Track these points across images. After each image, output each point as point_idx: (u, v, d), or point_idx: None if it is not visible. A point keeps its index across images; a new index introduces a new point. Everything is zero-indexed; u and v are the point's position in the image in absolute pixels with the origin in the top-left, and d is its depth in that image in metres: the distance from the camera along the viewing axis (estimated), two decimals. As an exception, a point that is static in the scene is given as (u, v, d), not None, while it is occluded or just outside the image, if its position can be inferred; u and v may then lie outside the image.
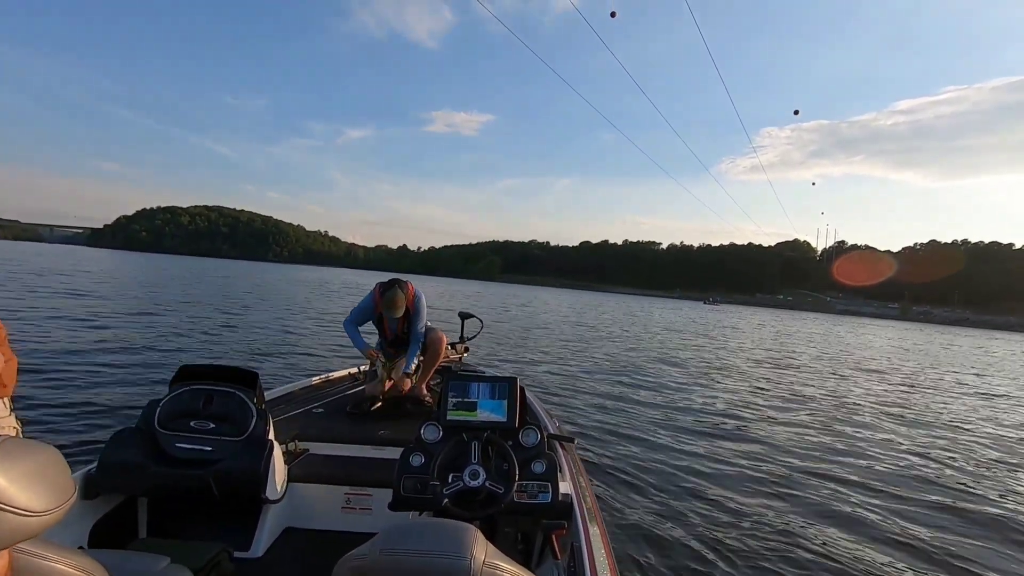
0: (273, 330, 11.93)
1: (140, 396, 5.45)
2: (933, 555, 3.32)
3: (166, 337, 9.56)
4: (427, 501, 1.73)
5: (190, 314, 13.64)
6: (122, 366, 6.86)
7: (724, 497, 3.91)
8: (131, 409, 4.85)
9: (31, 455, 0.63)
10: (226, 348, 9.11)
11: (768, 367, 12.66)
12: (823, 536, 3.44)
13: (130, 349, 8.11)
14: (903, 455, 5.60)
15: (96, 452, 1.93)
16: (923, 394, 10.26)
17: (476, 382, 1.97)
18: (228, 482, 1.86)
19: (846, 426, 6.80)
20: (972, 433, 7.00)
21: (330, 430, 2.76)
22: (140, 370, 6.72)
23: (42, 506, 0.61)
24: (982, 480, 4.94)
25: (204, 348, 8.93)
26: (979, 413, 8.56)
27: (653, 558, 2.99)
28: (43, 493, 0.61)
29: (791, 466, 4.84)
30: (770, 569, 2.97)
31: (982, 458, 5.76)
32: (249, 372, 2.13)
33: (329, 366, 7.21)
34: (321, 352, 9.45)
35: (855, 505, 4.01)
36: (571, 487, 1.92)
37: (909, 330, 51.92)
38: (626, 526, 3.32)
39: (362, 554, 0.88)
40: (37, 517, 0.60)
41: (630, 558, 2.94)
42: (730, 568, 2.94)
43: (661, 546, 3.12)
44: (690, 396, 7.98)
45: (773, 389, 9.29)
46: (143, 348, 8.30)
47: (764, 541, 3.27)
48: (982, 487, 4.71)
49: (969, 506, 4.19)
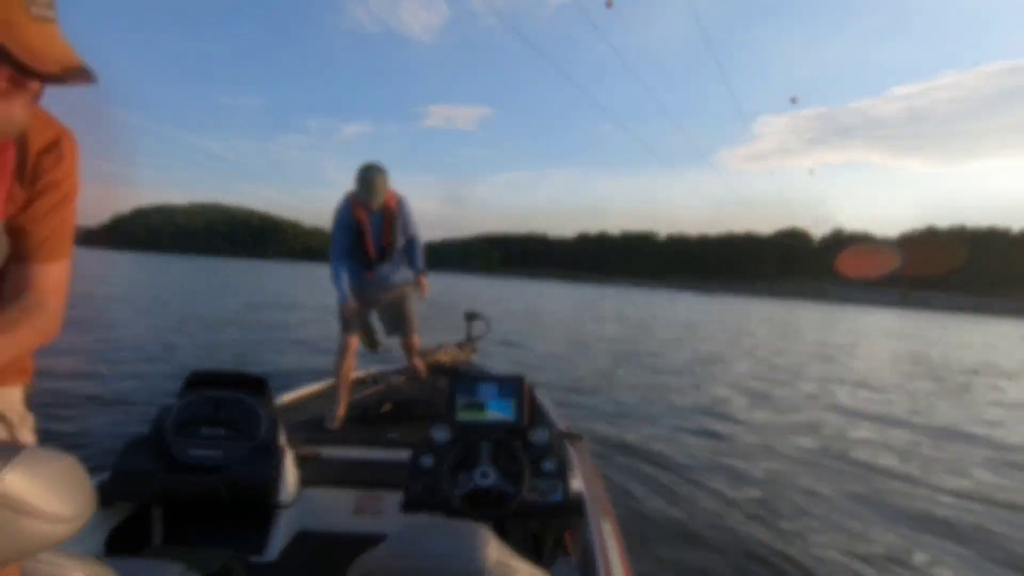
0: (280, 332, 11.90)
1: (150, 403, 5.44)
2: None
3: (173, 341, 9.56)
4: (438, 502, 1.74)
5: (197, 316, 13.62)
6: (130, 374, 6.87)
7: (740, 494, 3.88)
8: (142, 417, 4.85)
9: (54, 462, 0.62)
10: (235, 352, 9.09)
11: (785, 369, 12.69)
12: (844, 531, 3.40)
13: (138, 355, 8.11)
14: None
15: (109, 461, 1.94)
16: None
17: (484, 382, 1.97)
18: (240, 488, 1.87)
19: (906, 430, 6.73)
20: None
21: (340, 433, 2.77)
22: (149, 377, 6.72)
23: (68, 513, 0.61)
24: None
25: (212, 352, 8.91)
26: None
27: (667, 555, 2.98)
28: (68, 500, 0.61)
29: (814, 465, 4.78)
30: (789, 567, 2.94)
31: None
32: (258, 377, 2.14)
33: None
34: (330, 355, 9.42)
35: (902, 510, 3.83)
36: (582, 485, 1.93)
37: (917, 319, 51.88)
38: (639, 523, 3.31)
39: (375, 557, 0.88)
40: (64, 525, 0.60)
41: (643, 555, 2.94)
42: (746, 565, 2.93)
43: (675, 543, 3.11)
44: (706, 392, 7.91)
45: (799, 389, 9.16)
46: (151, 354, 8.30)
47: (783, 538, 3.24)
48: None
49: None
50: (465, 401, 1.93)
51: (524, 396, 1.93)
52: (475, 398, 1.93)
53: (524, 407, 1.92)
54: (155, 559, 1.17)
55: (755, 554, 3.04)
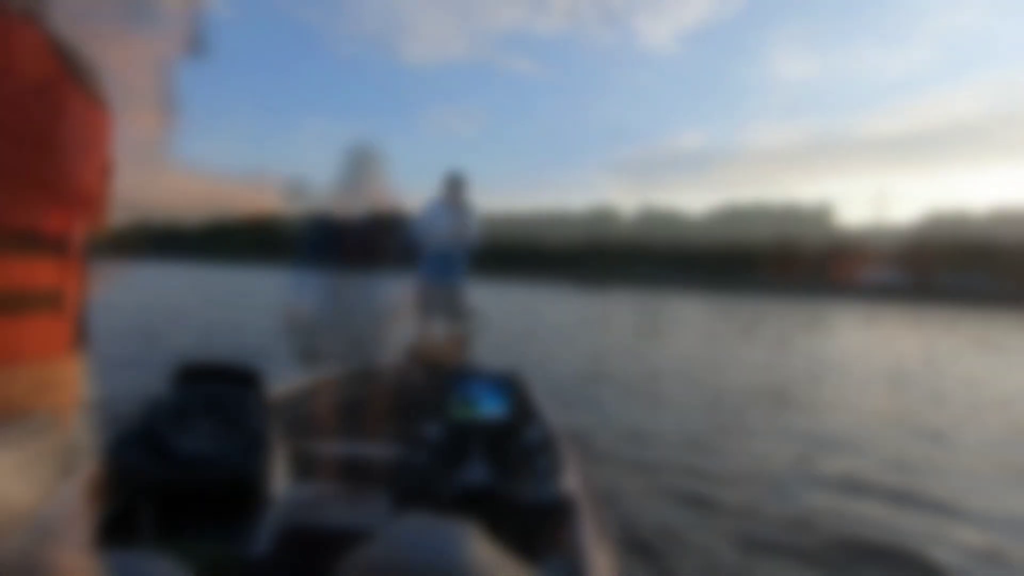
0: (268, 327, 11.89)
1: (139, 396, 5.46)
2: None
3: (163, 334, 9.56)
4: (429, 499, 1.73)
5: (187, 311, 13.60)
6: (119, 365, 6.79)
7: (732, 495, 3.84)
8: (131, 409, 4.85)
9: None
10: (225, 346, 9.08)
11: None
12: (839, 537, 3.31)
13: (126, 348, 8.06)
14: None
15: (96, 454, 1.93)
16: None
17: (477, 378, 1.97)
18: (231, 481, 1.86)
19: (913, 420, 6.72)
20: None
21: (332, 428, 2.77)
22: (138, 369, 6.66)
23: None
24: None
25: (203, 346, 8.90)
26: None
27: (656, 557, 2.98)
28: None
29: (811, 465, 4.67)
30: (788, 568, 2.93)
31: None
32: (250, 370, 2.13)
33: (331, 363, 7.17)
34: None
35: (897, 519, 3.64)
36: (574, 484, 1.93)
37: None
38: (629, 524, 3.30)
39: (365, 553, 0.88)
40: None
41: (633, 556, 2.94)
42: (737, 568, 2.91)
43: (665, 545, 3.10)
44: (696, 389, 7.80)
45: (798, 382, 8.86)
46: (140, 346, 8.27)
47: (776, 540, 3.21)
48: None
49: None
50: (458, 397, 1.93)
51: (517, 393, 1.93)
52: (468, 394, 1.93)
53: (517, 404, 1.92)
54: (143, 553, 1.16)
55: (751, 556, 3.03)
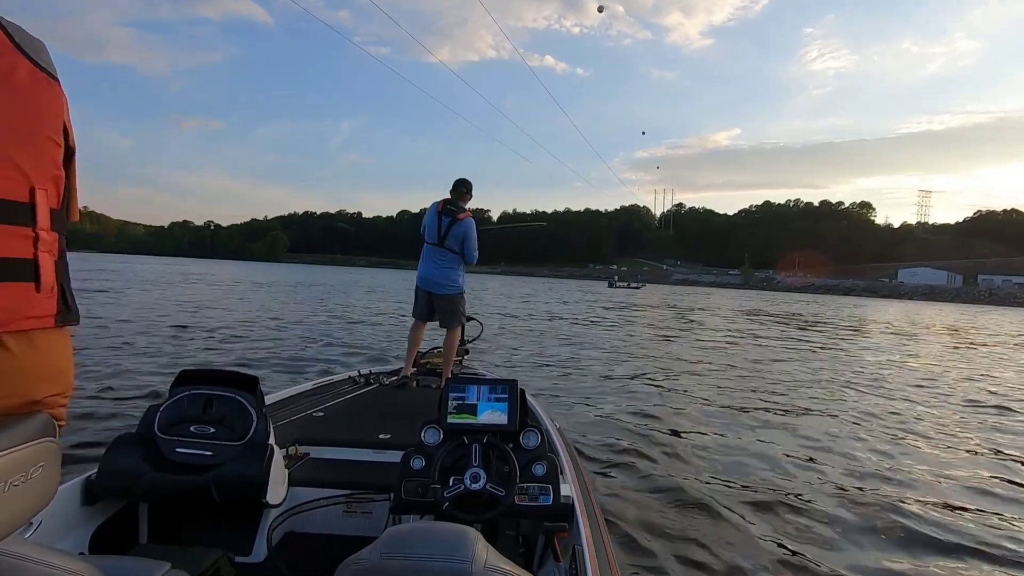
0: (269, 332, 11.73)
1: (139, 401, 5.38)
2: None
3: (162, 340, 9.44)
4: (428, 504, 1.75)
5: (183, 317, 13.31)
6: (120, 371, 6.76)
7: (730, 499, 3.87)
8: (131, 414, 4.75)
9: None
10: (224, 352, 8.94)
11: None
12: (832, 541, 3.37)
13: (127, 354, 7.98)
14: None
15: (96, 458, 1.91)
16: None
17: (476, 385, 1.99)
18: (228, 487, 1.86)
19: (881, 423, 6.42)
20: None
21: (331, 434, 2.77)
22: (138, 375, 6.61)
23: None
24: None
25: (202, 352, 8.77)
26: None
27: (655, 561, 2.99)
28: None
29: (807, 467, 4.70)
30: (787, 569, 2.96)
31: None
32: (249, 376, 2.13)
33: (329, 370, 7.13)
34: (319, 356, 9.18)
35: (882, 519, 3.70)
36: (572, 489, 1.96)
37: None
38: (628, 528, 3.31)
39: (363, 558, 0.90)
40: None
41: (632, 560, 2.95)
42: (735, 570, 2.94)
43: (664, 548, 3.12)
44: (691, 393, 7.77)
45: (797, 382, 8.95)
46: (140, 353, 8.17)
47: (772, 545, 3.24)
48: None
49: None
50: (457, 403, 1.95)
51: (516, 399, 1.96)
52: (467, 400, 1.95)
53: (516, 410, 1.94)
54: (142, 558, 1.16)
55: (750, 558, 3.05)
